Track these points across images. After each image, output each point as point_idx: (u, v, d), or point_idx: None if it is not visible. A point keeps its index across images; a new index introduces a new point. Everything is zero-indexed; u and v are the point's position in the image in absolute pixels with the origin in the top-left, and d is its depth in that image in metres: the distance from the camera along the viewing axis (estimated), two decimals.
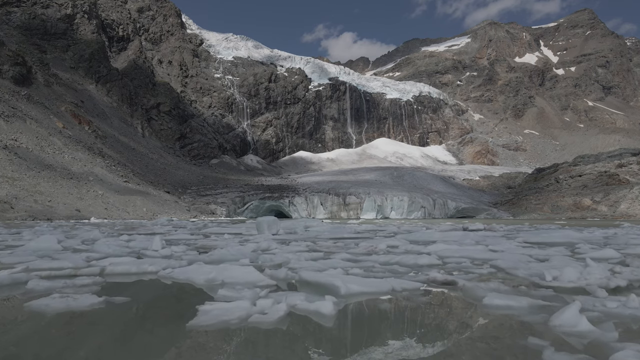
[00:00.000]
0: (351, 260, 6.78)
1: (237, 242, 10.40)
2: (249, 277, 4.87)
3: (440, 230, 16.23)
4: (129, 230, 16.78)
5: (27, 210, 25.61)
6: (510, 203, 63.48)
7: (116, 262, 5.98)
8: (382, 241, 9.75)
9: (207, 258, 6.79)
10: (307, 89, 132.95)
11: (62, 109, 60.80)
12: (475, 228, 17.00)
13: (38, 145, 41.74)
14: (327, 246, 9.19)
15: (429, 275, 5.16)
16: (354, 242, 10.73)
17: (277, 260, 6.67)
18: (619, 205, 53.36)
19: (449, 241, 10.45)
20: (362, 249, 8.38)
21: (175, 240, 11.35)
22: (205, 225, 23.03)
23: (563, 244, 10.26)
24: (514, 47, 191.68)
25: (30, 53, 69.36)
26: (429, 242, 10.61)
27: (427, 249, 8.18)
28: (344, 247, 8.92)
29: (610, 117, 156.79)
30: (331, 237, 12.92)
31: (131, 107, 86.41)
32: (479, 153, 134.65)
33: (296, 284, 4.87)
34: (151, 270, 5.67)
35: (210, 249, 8.68)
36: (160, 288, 4.86)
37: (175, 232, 15.90)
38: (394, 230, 17.16)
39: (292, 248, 8.69)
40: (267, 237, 12.01)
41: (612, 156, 65.19)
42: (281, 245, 9.51)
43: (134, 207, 37.91)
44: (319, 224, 20.13)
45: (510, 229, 18.53)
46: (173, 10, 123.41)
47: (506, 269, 5.83)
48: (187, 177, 72.09)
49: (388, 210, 58.20)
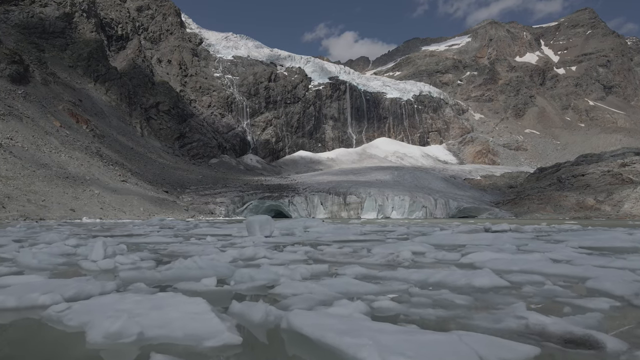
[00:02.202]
0: (370, 279, 4.93)
1: (219, 247, 8.89)
2: (192, 327, 2.70)
3: (459, 231, 14.76)
4: (105, 231, 15.30)
5: (19, 210, 25.00)
6: (512, 203, 62.86)
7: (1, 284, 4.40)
8: (400, 246, 8.13)
9: (158, 275, 4.94)
10: (307, 88, 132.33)
11: (60, 107, 60.18)
12: (499, 229, 14.81)
13: (34, 144, 41.13)
14: (332, 253, 7.50)
15: (526, 320, 2.96)
16: (363, 246, 9.28)
17: (260, 278, 4.75)
18: (623, 204, 52.75)
19: (480, 245, 9.05)
20: (379, 257, 6.68)
21: (143, 245, 9.78)
22: (196, 225, 21.99)
23: (631, 249, 8.47)
24: (514, 46, 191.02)
25: (28, 52, 68.74)
26: (458, 246, 9.20)
27: (467, 259, 6.65)
28: (353, 255, 7.28)
29: (612, 117, 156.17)
30: (335, 239, 11.46)
31: (130, 106, 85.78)
32: (480, 153, 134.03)
33: (282, 346, 2.69)
34: (41, 303, 3.53)
35: (179, 256, 6.90)
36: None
37: (158, 232, 14.61)
38: (404, 231, 15.67)
39: (285, 256, 6.98)
40: (257, 240, 10.53)
41: (615, 155, 64.55)
42: (272, 251, 7.82)
43: (131, 206, 37.28)
44: (320, 224, 18.73)
45: (538, 230, 16.71)
46: (172, 9, 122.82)
47: (631, 299, 3.90)
48: (186, 177, 71.47)
49: (389, 210, 57.59)
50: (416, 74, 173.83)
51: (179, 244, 9.85)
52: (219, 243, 9.88)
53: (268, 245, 9.61)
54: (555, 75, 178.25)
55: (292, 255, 7.06)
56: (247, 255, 7.05)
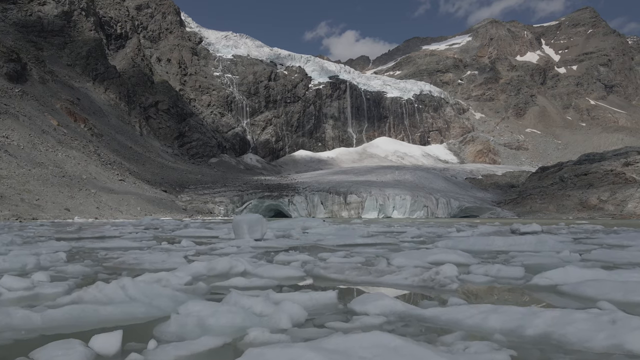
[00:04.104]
0: (416, 327, 2.92)
1: (191, 254, 7.24)
2: None
3: (481, 233, 12.99)
4: (76, 232, 13.76)
5: (11, 210, 24.43)
6: (514, 202, 62.27)
7: None
8: (426, 254, 6.34)
9: (36, 319, 2.85)
10: (307, 87, 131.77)
11: (58, 106, 59.61)
12: (529, 230, 12.78)
13: (30, 142, 40.57)
14: (339, 267, 5.43)
15: None
16: (376, 252, 7.47)
17: (214, 329, 2.71)
18: (626, 204, 52.15)
19: (526, 253, 7.31)
20: (409, 274, 4.77)
21: (96, 251, 7.89)
22: (187, 225, 20.76)
23: None
24: (515, 45, 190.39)
25: (27, 50, 68.15)
26: (499, 253, 7.53)
27: (544, 280, 4.58)
28: (370, 270, 5.19)
29: (613, 116, 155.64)
30: (339, 243, 9.67)
31: (129, 105, 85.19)
32: (481, 152, 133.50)
33: None
34: None
35: (124, 270, 5.49)
36: None
37: (134, 234, 13.00)
38: (416, 232, 14.01)
39: (273, 271, 5.08)
40: (245, 245, 8.75)
41: (618, 154, 63.92)
42: (258, 262, 5.95)
43: (128, 206, 36.71)
44: (320, 224, 17.65)
45: (572, 232, 15.15)
46: (172, 8, 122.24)
47: None
48: (185, 176, 70.90)
49: (390, 210, 57.01)
50: (417, 73, 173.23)
51: (139, 250, 7.85)
52: (193, 249, 8.12)
53: (256, 251, 7.84)
54: (556, 74, 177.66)
55: (282, 271, 5.14)
56: (218, 271, 5.09)
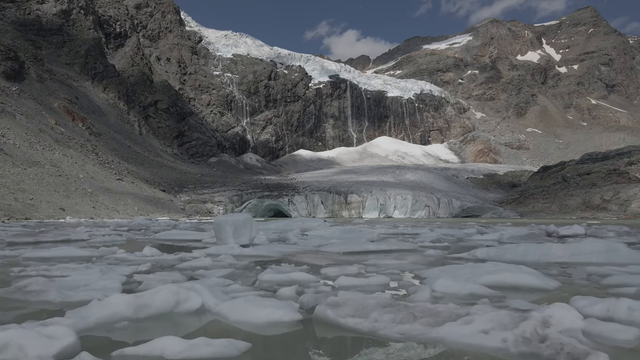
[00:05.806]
0: None
1: (141, 270, 5.24)
2: None
3: (511, 236, 10.46)
4: (44, 234, 11.63)
5: (3, 209, 23.88)
6: (516, 202, 61.71)
7: None
8: (481, 273, 4.51)
9: None
10: (307, 86, 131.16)
11: (55, 105, 59.05)
12: (569, 233, 10.57)
13: (27, 141, 40.00)
14: (356, 301, 3.05)
15: None
16: (402, 267, 5.63)
17: None
18: (630, 204, 51.58)
19: (606, 265, 5.56)
20: (492, 324, 2.54)
21: (5, 265, 5.92)
22: (175, 225, 19.56)
23: None
24: (515, 45, 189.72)
25: (25, 49, 67.57)
26: (568, 266, 5.90)
27: None
28: (408, 308, 2.86)
29: (614, 115, 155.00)
30: (345, 250, 7.77)
31: (128, 105, 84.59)
32: (481, 152, 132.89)
33: None
34: None
35: (40, 295, 3.61)
36: None
37: (109, 236, 11.37)
38: (431, 235, 11.75)
39: (248, 312, 2.99)
40: (226, 253, 6.84)
41: (621, 154, 63.36)
42: (227, 289, 3.89)
43: (125, 206, 36.15)
44: (321, 224, 16.26)
45: (619, 233, 13.17)
46: (171, 7, 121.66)
47: None
48: (185, 176, 70.34)
49: (391, 209, 56.45)
50: (417, 73, 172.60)
51: (76, 264, 5.60)
52: (149, 262, 5.92)
53: (237, 264, 5.80)
54: (557, 73, 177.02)
55: (262, 311, 2.97)
56: (153, 309, 2.97)
